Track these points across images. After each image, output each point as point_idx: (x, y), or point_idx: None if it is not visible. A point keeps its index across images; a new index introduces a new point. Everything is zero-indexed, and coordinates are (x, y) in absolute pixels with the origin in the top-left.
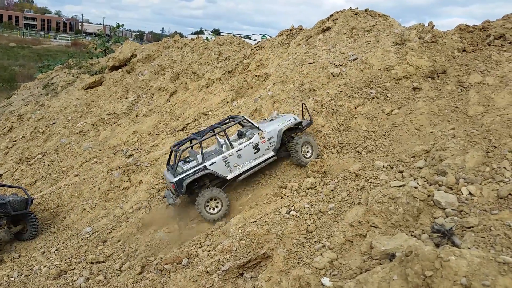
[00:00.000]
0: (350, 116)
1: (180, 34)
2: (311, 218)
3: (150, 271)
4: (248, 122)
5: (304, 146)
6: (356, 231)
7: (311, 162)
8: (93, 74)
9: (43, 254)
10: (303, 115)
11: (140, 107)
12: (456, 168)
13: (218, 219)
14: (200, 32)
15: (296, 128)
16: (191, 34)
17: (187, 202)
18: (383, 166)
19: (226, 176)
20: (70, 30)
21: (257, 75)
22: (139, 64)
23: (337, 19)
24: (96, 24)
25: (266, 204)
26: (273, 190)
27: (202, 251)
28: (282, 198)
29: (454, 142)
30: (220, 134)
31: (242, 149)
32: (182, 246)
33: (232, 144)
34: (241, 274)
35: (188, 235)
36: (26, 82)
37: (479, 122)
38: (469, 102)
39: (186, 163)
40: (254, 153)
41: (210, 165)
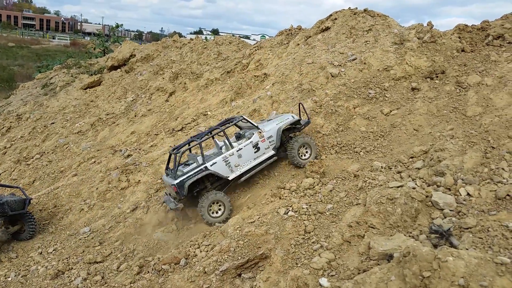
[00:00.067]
0: (349, 116)
1: (179, 34)
2: (309, 218)
3: (148, 272)
4: (247, 122)
5: (302, 147)
6: (354, 232)
7: (310, 162)
8: (92, 74)
9: (41, 254)
10: (300, 115)
11: (138, 107)
12: (454, 168)
13: (219, 223)
14: (199, 32)
15: (294, 127)
16: (190, 34)
17: (185, 202)
18: (382, 167)
19: (228, 176)
20: (69, 30)
21: (256, 75)
22: (138, 64)
23: (336, 19)
24: (95, 24)
25: (264, 204)
26: (271, 190)
27: (200, 252)
28: (280, 199)
29: (453, 143)
30: (219, 135)
31: (242, 148)
32: (180, 246)
33: (232, 144)
34: (239, 275)
35: (186, 236)
36: (25, 82)
37: (478, 122)
38: (467, 103)
39: (186, 167)
40: (255, 152)
41: (211, 165)
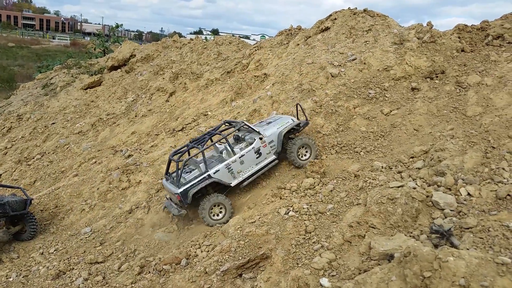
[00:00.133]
0: (349, 116)
1: (179, 34)
2: (310, 218)
3: (149, 272)
4: (248, 128)
5: (301, 148)
6: (354, 232)
7: (310, 162)
8: (92, 74)
9: (42, 254)
10: (298, 116)
11: (139, 108)
12: (454, 168)
13: (220, 225)
14: (199, 32)
15: (293, 129)
16: (190, 34)
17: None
18: (382, 167)
19: (230, 183)
20: (69, 30)
21: (256, 76)
22: (138, 64)
23: (335, 19)
24: (95, 24)
25: (265, 204)
26: (272, 190)
27: (201, 252)
28: (281, 199)
29: (453, 143)
30: (221, 142)
31: (244, 155)
32: (181, 246)
33: (234, 150)
34: (240, 275)
35: (187, 236)
36: (25, 82)
37: (478, 122)
38: (467, 103)
39: (187, 173)
40: (256, 158)
41: (214, 173)
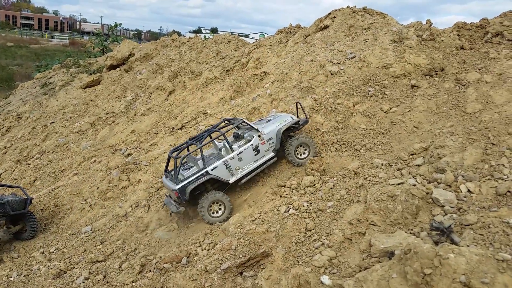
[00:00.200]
0: (349, 114)
1: (178, 33)
2: (310, 216)
3: (150, 270)
4: (246, 125)
5: (300, 146)
6: (355, 229)
7: (310, 160)
8: (91, 73)
9: (43, 253)
10: (298, 114)
11: (138, 106)
12: (454, 165)
13: (220, 222)
14: (198, 31)
15: (293, 127)
16: (189, 33)
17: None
18: (382, 164)
19: (228, 180)
20: (67, 30)
21: (255, 74)
22: (137, 63)
23: (335, 18)
24: (93, 23)
25: (265, 202)
26: (272, 188)
27: (202, 250)
28: (281, 197)
29: (453, 140)
30: (219, 139)
31: (242, 152)
32: (181, 245)
33: (232, 147)
34: (240, 273)
35: (187, 234)
36: (24, 82)
37: (478, 119)
38: (467, 100)
39: (185, 170)
40: (255, 155)
41: (212, 170)
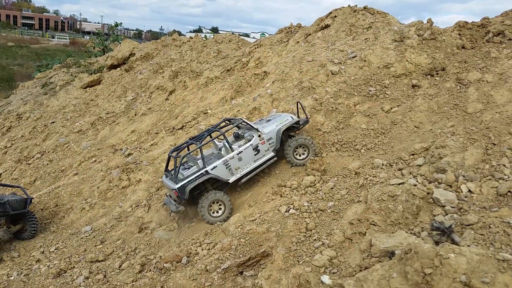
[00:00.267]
0: (349, 114)
1: (178, 32)
2: (311, 216)
3: (150, 270)
4: (246, 125)
5: (299, 147)
6: (355, 229)
7: (311, 160)
8: (91, 73)
9: (43, 253)
10: (298, 114)
11: (139, 106)
12: (455, 165)
13: (220, 222)
14: (198, 30)
15: (293, 127)
16: (190, 32)
17: (185, 201)
18: (383, 164)
19: (228, 179)
20: (68, 29)
21: (256, 74)
22: (138, 62)
23: (335, 17)
24: (94, 23)
25: (265, 202)
26: (272, 188)
27: (202, 250)
28: (281, 197)
29: (454, 140)
30: (219, 138)
31: (242, 151)
32: (181, 244)
33: (232, 147)
34: (240, 273)
35: (187, 234)
36: (25, 82)
37: (479, 119)
38: (468, 99)
39: (185, 169)
40: (255, 154)
41: (212, 169)
